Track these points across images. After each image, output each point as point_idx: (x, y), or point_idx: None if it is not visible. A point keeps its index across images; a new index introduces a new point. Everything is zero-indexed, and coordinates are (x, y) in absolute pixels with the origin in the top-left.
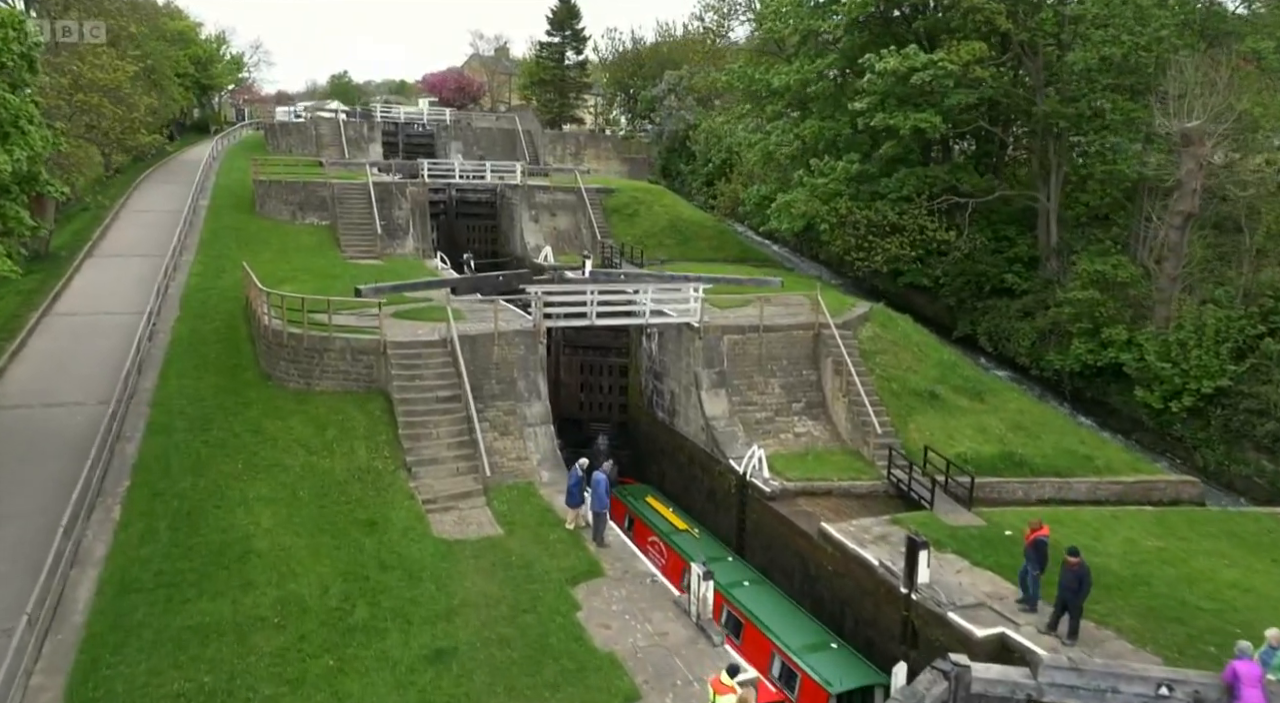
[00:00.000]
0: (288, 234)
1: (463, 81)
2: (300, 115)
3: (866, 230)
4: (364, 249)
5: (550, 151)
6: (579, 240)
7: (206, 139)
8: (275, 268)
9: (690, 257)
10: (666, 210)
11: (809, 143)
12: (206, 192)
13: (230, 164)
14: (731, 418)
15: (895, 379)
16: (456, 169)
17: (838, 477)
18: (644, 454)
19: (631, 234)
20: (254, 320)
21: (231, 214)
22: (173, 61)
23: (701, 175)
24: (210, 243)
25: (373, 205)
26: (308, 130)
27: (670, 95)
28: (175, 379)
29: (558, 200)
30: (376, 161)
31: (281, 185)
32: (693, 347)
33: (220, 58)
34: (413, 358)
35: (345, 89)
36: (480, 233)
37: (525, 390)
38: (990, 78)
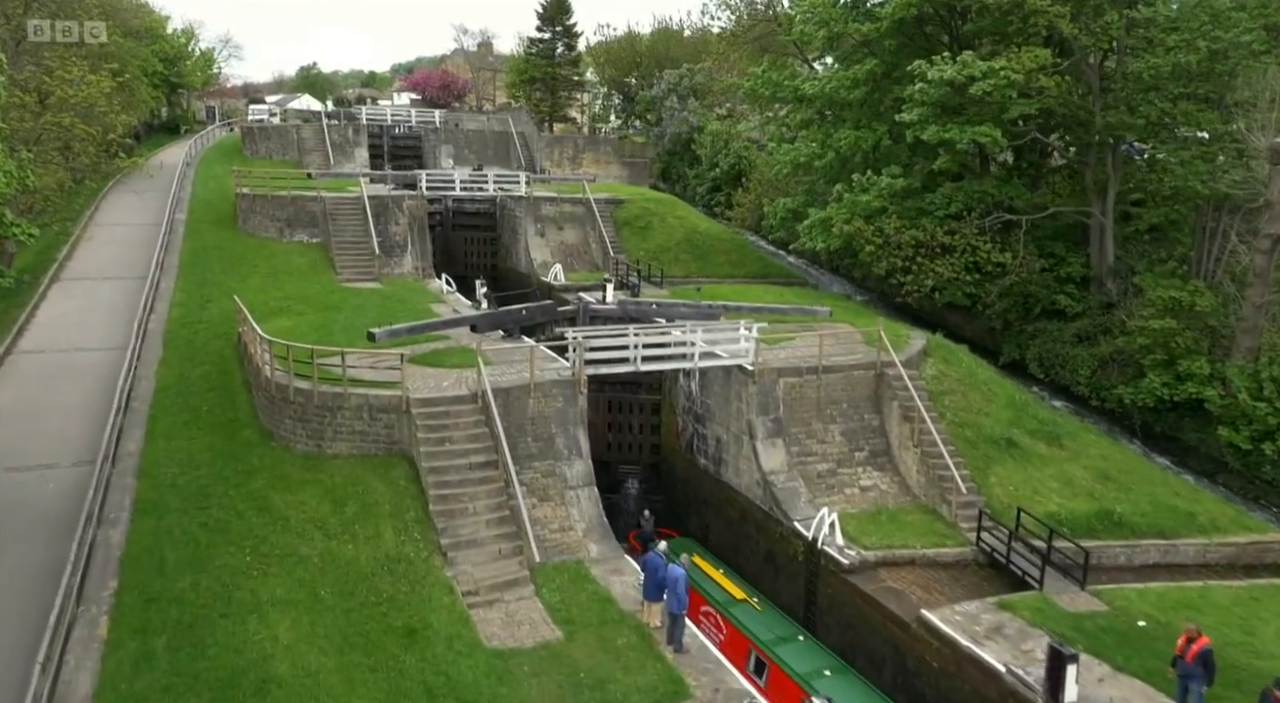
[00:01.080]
0: (276, 254)
1: (448, 79)
2: (274, 113)
3: (914, 252)
4: (361, 270)
5: (547, 155)
6: (588, 255)
7: (177, 140)
8: (266, 295)
9: (708, 273)
10: (681, 223)
11: (844, 154)
12: (183, 204)
13: (207, 171)
14: (791, 471)
15: (968, 424)
16: (457, 181)
17: (920, 543)
18: (681, 502)
19: (644, 249)
20: (249, 364)
21: (212, 231)
22: (140, 60)
23: (707, 180)
24: (191, 265)
25: (368, 221)
26: (288, 134)
27: (671, 95)
28: (164, 440)
29: (565, 213)
30: (369, 172)
31: (267, 200)
32: (745, 392)
33: (189, 54)
34: (440, 417)
35: (315, 82)
36: (479, 245)
37: (565, 448)
38: (1054, 87)
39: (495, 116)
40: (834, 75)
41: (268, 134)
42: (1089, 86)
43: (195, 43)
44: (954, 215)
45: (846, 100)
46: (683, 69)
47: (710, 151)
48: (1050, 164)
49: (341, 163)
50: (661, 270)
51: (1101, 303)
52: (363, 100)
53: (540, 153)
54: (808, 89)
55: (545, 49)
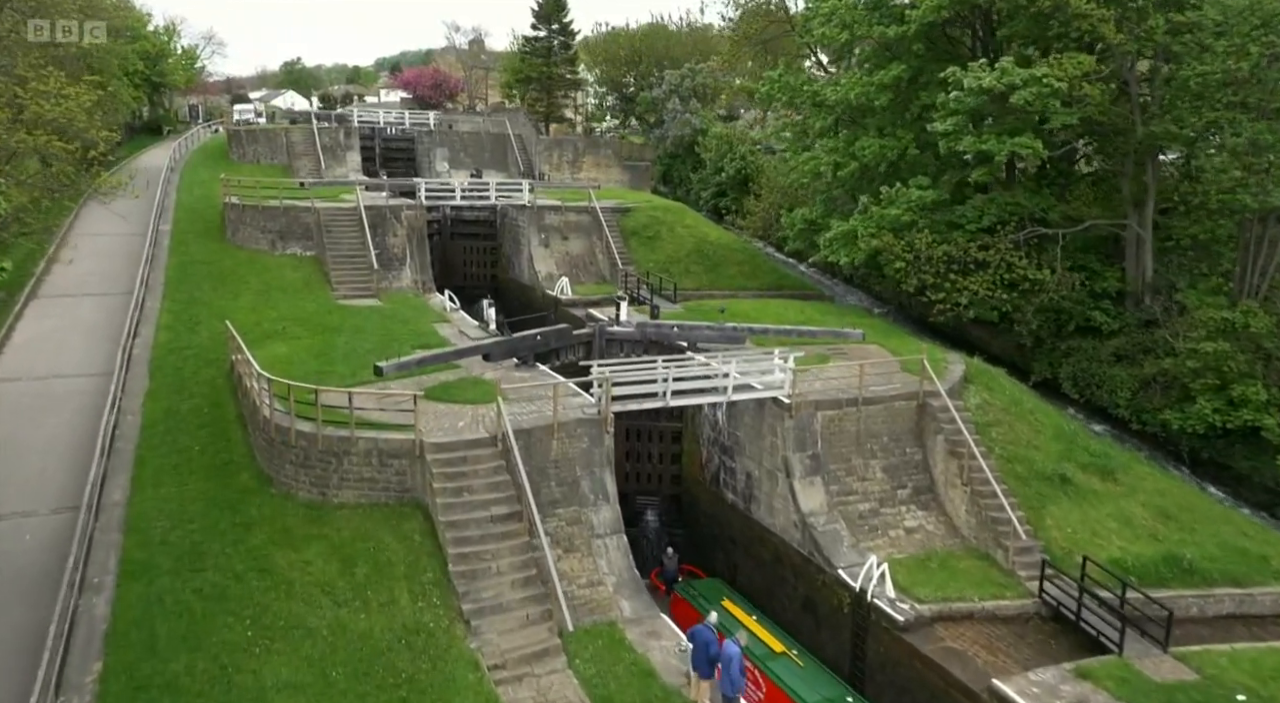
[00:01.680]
0: (268, 268)
1: (440, 78)
2: (260, 113)
3: (945, 268)
4: (358, 286)
5: (546, 159)
6: (595, 266)
7: (160, 141)
8: (259, 316)
9: (721, 286)
10: (690, 232)
11: (867, 163)
12: (168, 212)
13: (192, 176)
14: (831, 512)
15: (1017, 459)
16: (458, 190)
17: (977, 594)
18: (705, 538)
19: (653, 260)
20: (244, 398)
21: (200, 243)
22: (120, 59)
23: (712, 185)
24: (178, 282)
25: (365, 233)
26: (277, 138)
27: (673, 97)
28: (152, 487)
29: (570, 222)
30: (365, 180)
31: (258, 210)
32: (781, 426)
33: (171, 51)
34: (457, 464)
35: (299, 77)
36: (478, 255)
37: (591, 492)
38: (1098, 96)
39: (491, 118)
40: (857, 81)
41: (255, 137)
42: (1127, 93)
43: (177, 40)
44: (986, 229)
45: (870, 107)
46: (684, 69)
47: (715, 155)
48: (1077, 172)
49: (332, 167)
50: (675, 284)
51: (1139, 320)
52: (349, 98)
53: (539, 156)
54: (829, 95)
55: (541, 48)
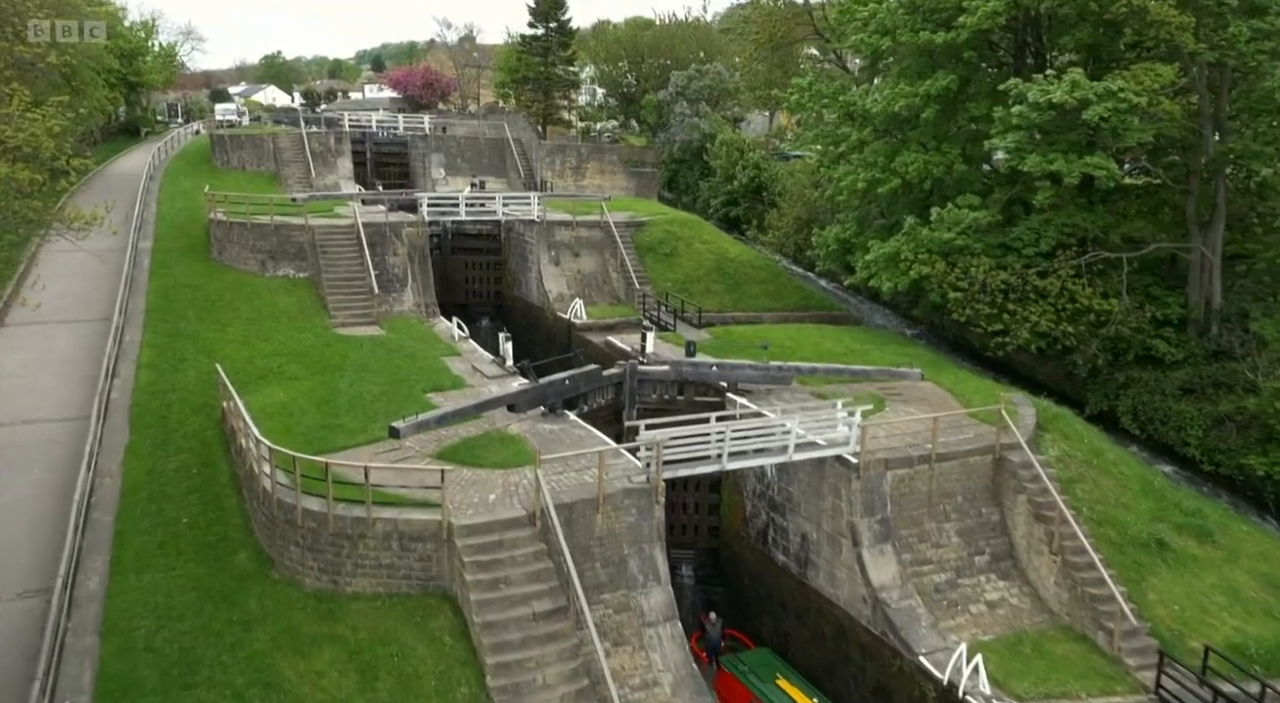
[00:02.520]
0: (258, 293)
1: (431, 77)
2: (243, 113)
3: (1003, 297)
4: (358, 312)
5: (548, 165)
6: (608, 285)
7: (137, 144)
8: (251, 351)
9: (744, 306)
10: (709, 248)
11: (911, 180)
12: (148, 226)
13: (173, 186)
14: (905, 585)
15: (1108, 521)
16: (462, 204)
17: (1084, 690)
18: (749, 600)
19: (671, 279)
20: (238, 457)
21: (183, 262)
22: (94, 58)
23: (723, 194)
24: (160, 310)
25: (364, 252)
26: (264, 143)
27: (679, 99)
28: (134, 572)
29: (581, 238)
30: (362, 194)
31: (246, 228)
32: (847, 488)
33: (149, 49)
34: (492, 549)
35: (280, 71)
36: (481, 271)
37: (640, 573)
38: (1177, 111)
39: (488, 121)
40: (901, 91)
41: (240, 143)
42: (1204, 107)
43: (155, 37)
44: (1043, 254)
45: (912, 119)
46: (690, 70)
47: (725, 163)
48: (1126, 188)
49: (323, 174)
50: (699, 310)
51: (1207, 351)
52: (333, 94)
53: (540, 162)
54: (869, 105)
55: (539, 47)
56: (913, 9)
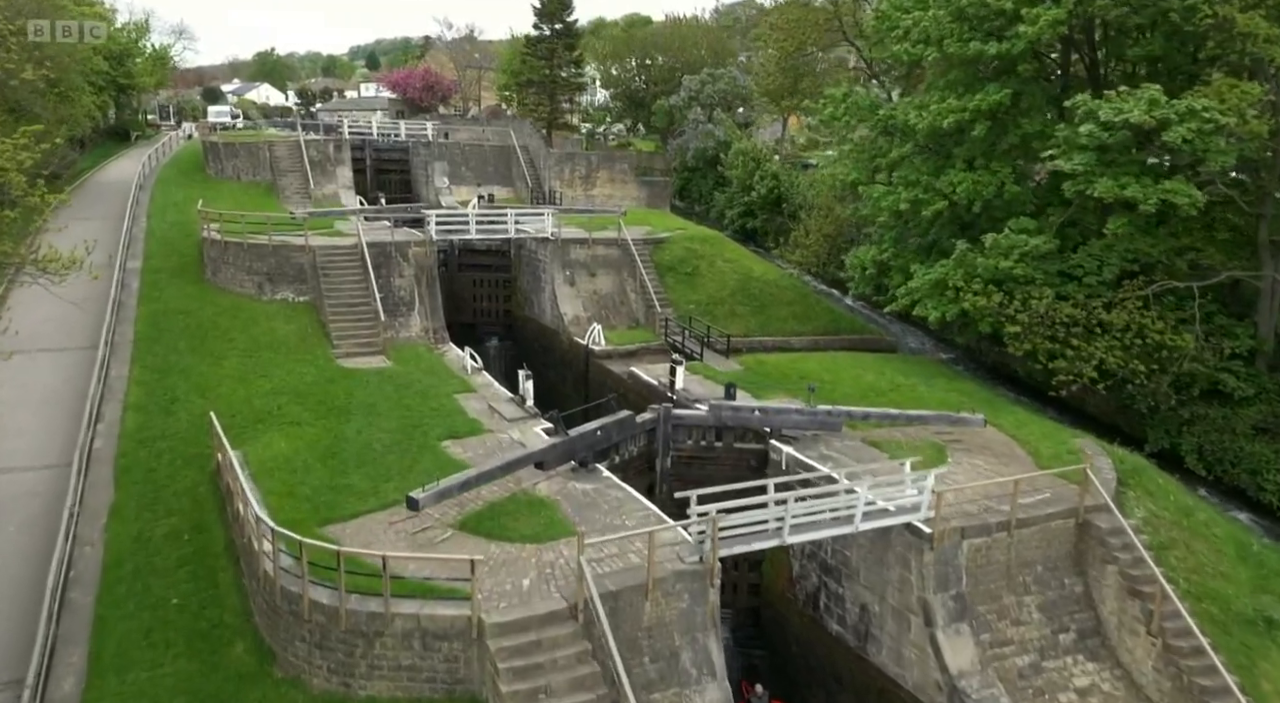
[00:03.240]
0: (256, 319)
1: (431, 79)
2: (237, 115)
3: (1066, 332)
4: (362, 341)
5: (556, 174)
6: (626, 307)
7: (127, 148)
8: (249, 388)
9: (771, 330)
10: (732, 267)
11: (958, 201)
12: (138, 243)
13: (164, 196)
14: (985, 671)
15: (1208, 595)
16: (472, 221)
17: None
18: (794, 668)
19: (693, 300)
20: (235, 523)
21: (174, 284)
22: (80, 61)
23: (739, 204)
24: (150, 340)
25: (369, 275)
26: (259, 152)
27: (693, 105)
28: (115, 672)
29: (598, 256)
30: (364, 209)
31: (242, 248)
32: (918, 560)
33: (140, 50)
34: (529, 650)
35: (273, 68)
36: (490, 288)
37: (693, 666)
38: (1265, 131)
39: (493, 127)
40: (949, 106)
41: (234, 151)
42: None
43: (147, 38)
44: (1107, 282)
45: (957, 135)
46: (704, 74)
47: (742, 173)
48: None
49: (321, 184)
50: (727, 338)
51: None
52: (328, 93)
53: (549, 171)
54: (911, 120)
55: (544, 49)
56: (959, 17)
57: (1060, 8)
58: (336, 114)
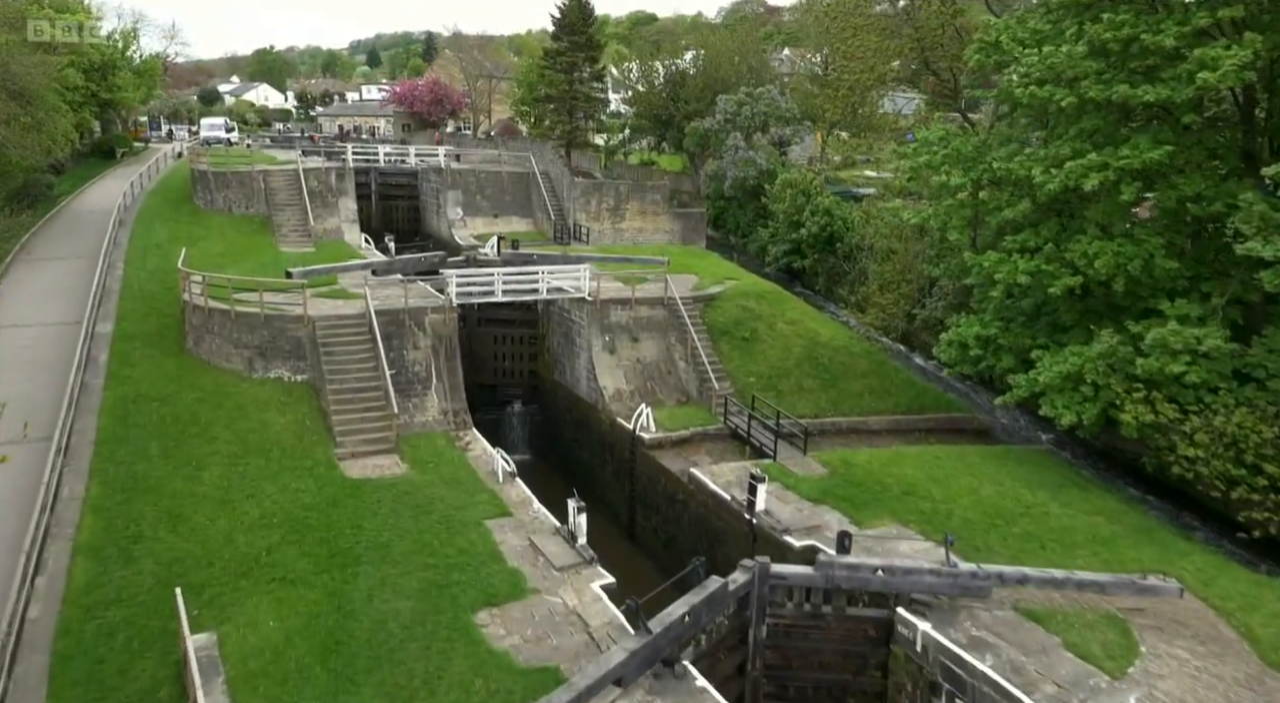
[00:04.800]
0: (244, 409)
1: (440, 91)
2: (232, 128)
3: (1256, 454)
4: (371, 437)
5: (582, 205)
6: (674, 378)
7: (111, 168)
8: (231, 519)
9: (845, 407)
10: (796, 330)
11: (1098, 278)
12: (111, 297)
13: (146, 234)
14: None
15: None
16: (499, 282)
17: None
18: None
19: (753, 371)
20: None
21: (150, 357)
22: (50, 76)
23: (786, 242)
24: (115, 440)
25: (379, 350)
26: (253, 182)
27: (731, 130)
28: None
29: (640, 318)
30: (371, 262)
31: (230, 317)
32: None
33: (127, 62)
34: None
35: (272, 65)
36: (514, 346)
37: None
38: None
39: (510, 149)
40: (1087, 162)
41: (225, 181)
42: None
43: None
44: None
45: (1092, 195)
46: (741, 94)
47: (789, 207)
48: None
49: (322, 218)
50: (805, 434)
51: None
52: (329, 97)
53: (573, 202)
54: (1037, 177)
55: (563, 62)
56: (1099, 53)
57: (1245, 48)
58: (337, 120)
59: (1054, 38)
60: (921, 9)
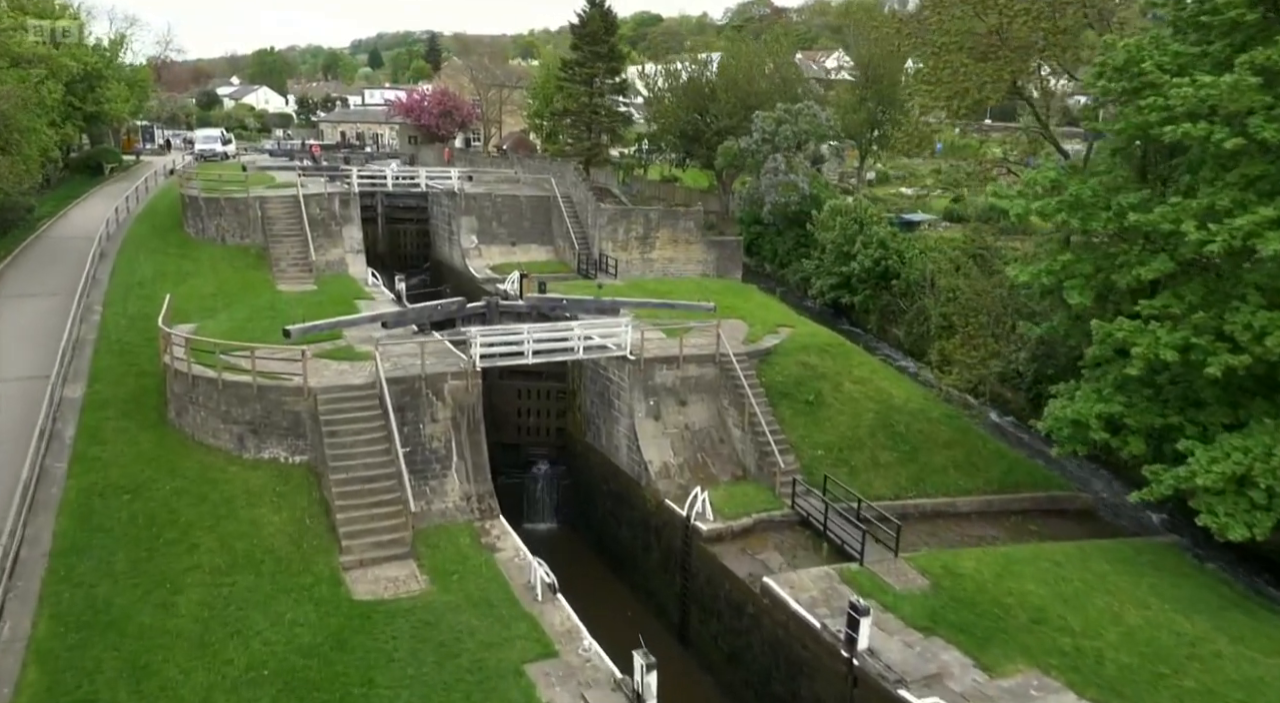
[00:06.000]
0: (232, 503)
1: (449, 102)
2: (229, 141)
3: None
4: (383, 540)
5: (608, 234)
6: (727, 448)
7: (98, 185)
8: (210, 673)
9: (930, 486)
10: (865, 391)
11: (1269, 355)
12: (84, 353)
13: (129, 268)
14: None
15: None
16: (530, 343)
17: None
18: None
19: (820, 442)
20: None
21: (124, 431)
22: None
23: (833, 275)
24: (73, 551)
25: (390, 425)
26: (249, 209)
27: (769, 152)
28: None
29: (689, 379)
30: (380, 313)
31: (217, 388)
32: None
33: (117, 70)
34: None
35: (273, 66)
36: (540, 403)
37: None
38: None
39: (528, 169)
40: (1257, 218)
41: (219, 207)
42: None
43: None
44: None
45: (1249, 254)
46: (779, 111)
47: (839, 237)
48: None
49: (325, 248)
50: (898, 531)
51: None
52: (330, 102)
53: (599, 230)
54: (1189, 233)
55: (583, 74)
56: (1269, 84)
57: None
58: (339, 126)
59: (1197, 62)
60: (1018, 25)
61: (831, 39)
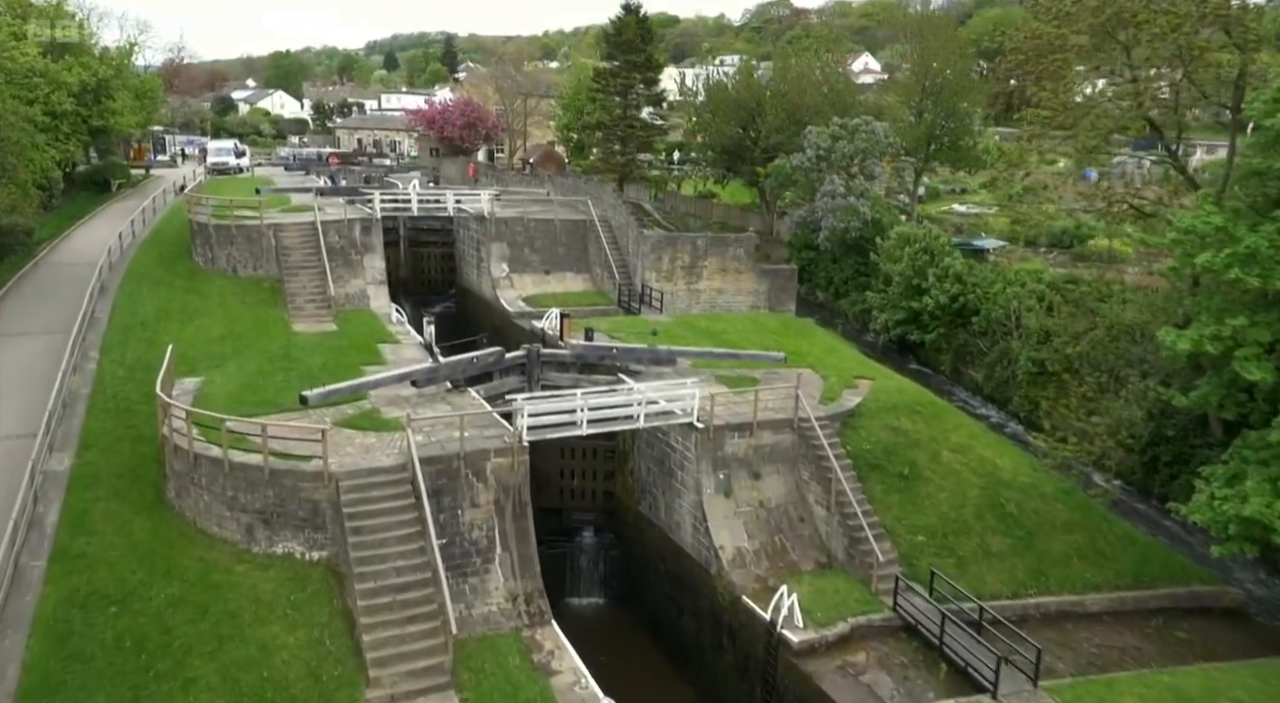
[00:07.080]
0: (236, 614)
1: (474, 113)
2: (243, 153)
3: None
4: (418, 667)
5: (652, 263)
6: (809, 528)
7: (105, 202)
8: None
9: (1050, 581)
10: (965, 460)
11: None
12: (75, 412)
13: (131, 305)
14: None
15: None
16: (584, 412)
17: None
18: None
19: (920, 525)
20: None
21: (116, 516)
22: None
23: (900, 309)
24: (44, 694)
25: (424, 515)
26: (262, 238)
27: (825, 171)
28: None
29: (762, 448)
30: (409, 370)
31: (223, 470)
32: None
33: (125, 80)
34: None
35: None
36: (587, 463)
37: None
38: None
39: (561, 191)
40: None
41: (230, 236)
42: None
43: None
44: None
45: None
46: (834, 126)
47: (907, 268)
48: None
49: (345, 279)
50: (1039, 658)
51: None
52: (347, 108)
53: (642, 259)
54: None
55: (617, 84)
56: None
57: None
58: (356, 133)
59: None
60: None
61: (854, 41)
